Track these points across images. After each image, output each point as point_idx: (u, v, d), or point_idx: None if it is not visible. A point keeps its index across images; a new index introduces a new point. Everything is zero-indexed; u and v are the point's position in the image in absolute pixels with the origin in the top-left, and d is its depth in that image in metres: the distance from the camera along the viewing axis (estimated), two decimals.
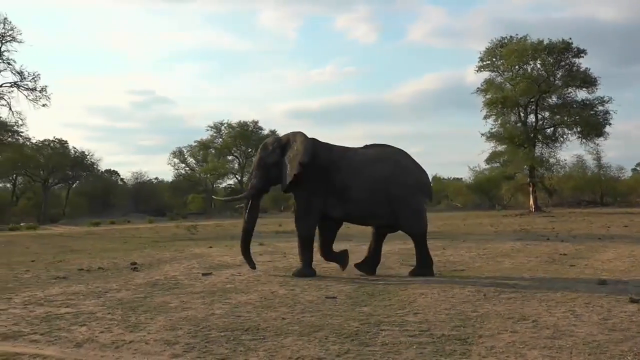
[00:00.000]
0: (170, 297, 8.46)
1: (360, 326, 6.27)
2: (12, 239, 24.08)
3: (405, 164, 10.73)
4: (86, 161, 54.60)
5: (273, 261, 12.68)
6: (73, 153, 53.87)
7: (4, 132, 37.38)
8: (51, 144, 52.36)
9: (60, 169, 52.17)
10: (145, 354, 5.41)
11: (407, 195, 10.42)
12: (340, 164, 10.58)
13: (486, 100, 41.83)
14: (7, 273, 11.61)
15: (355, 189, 10.39)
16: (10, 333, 6.34)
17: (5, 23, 34.24)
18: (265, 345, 5.58)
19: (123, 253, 15.86)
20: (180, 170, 62.52)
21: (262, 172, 10.98)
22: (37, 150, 49.69)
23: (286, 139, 11.01)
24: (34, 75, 35.56)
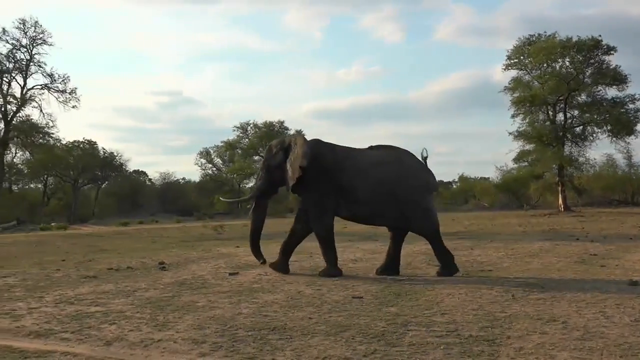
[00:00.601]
0: (198, 296, 8.53)
1: (387, 326, 6.26)
2: (44, 238, 24.48)
3: (411, 165, 10.74)
4: (115, 162, 55.26)
5: (299, 261, 12.70)
6: (102, 154, 54.55)
7: (35, 133, 38.05)
8: (81, 145, 53.08)
9: (90, 170, 52.86)
10: (173, 352, 5.47)
11: (415, 196, 10.44)
12: (345, 164, 10.65)
13: (514, 99, 41.32)
14: (39, 272, 11.82)
15: (361, 190, 10.45)
16: (42, 331, 6.45)
17: (36, 27, 34.87)
18: (292, 344, 5.59)
19: (151, 253, 16.02)
20: (207, 171, 62.92)
21: (266, 174, 11.20)
22: (67, 151, 50.41)
23: (289, 142, 11.16)
24: (64, 77, 36.26)
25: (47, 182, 53.44)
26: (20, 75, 35.34)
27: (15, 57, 34.89)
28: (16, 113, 35.49)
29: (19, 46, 34.72)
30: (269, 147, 11.55)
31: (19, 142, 39.83)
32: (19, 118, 36.15)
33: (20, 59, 35.03)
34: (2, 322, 6.96)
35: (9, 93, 35.12)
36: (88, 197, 56.70)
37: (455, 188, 64.27)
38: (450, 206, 52.83)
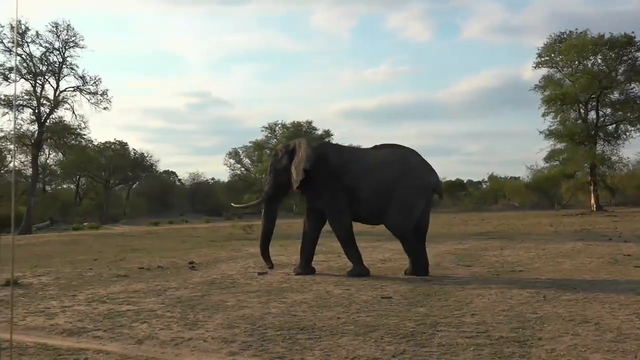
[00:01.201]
0: (227, 295, 8.59)
1: (416, 327, 6.23)
2: (76, 238, 24.88)
3: (413, 165, 10.76)
4: (145, 162, 55.97)
5: (328, 261, 12.72)
6: (133, 154, 55.31)
7: (67, 134, 38.62)
8: (112, 145, 53.88)
9: (121, 170, 53.64)
10: (203, 351, 5.51)
11: (405, 196, 10.44)
12: (350, 166, 10.77)
13: (545, 97, 40.76)
14: (71, 271, 12.01)
15: (363, 191, 10.56)
16: (75, 329, 6.56)
17: (69, 30, 35.43)
18: (321, 344, 5.60)
19: (181, 252, 16.18)
20: (235, 171, 63.37)
21: (273, 178, 11.36)
22: (99, 152, 51.18)
23: (293, 145, 11.31)
24: (95, 79, 36.72)
25: (80, 183, 54.42)
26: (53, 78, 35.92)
27: (48, 59, 35.48)
28: (49, 115, 36.07)
29: (51, 49, 35.30)
30: (275, 152, 11.76)
31: (52, 144, 40.50)
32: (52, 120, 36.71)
33: (53, 61, 35.61)
34: (37, 320, 7.09)
35: (43, 95, 35.71)
36: (119, 197, 57.55)
37: (485, 188, 63.73)
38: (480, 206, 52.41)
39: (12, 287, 8.16)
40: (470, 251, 14.51)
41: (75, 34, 35.69)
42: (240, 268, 11.95)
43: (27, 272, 11.70)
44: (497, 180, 61.36)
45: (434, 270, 10.92)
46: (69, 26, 35.43)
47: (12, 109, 34.56)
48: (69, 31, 35.43)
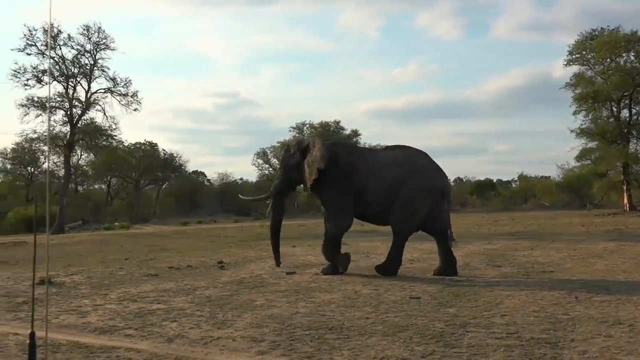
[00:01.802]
0: (256, 295, 8.63)
1: (446, 327, 6.19)
2: (108, 237, 25.24)
3: (422, 167, 10.82)
4: (175, 163, 56.53)
5: (356, 261, 12.69)
6: (162, 155, 55.91)
7: (99, 136, 39.17)
8: (142, 146, 54.53)
9: (151, 171, 54.27)
10: (232, 350, 5.55)
11: (412, 196, 10.51)
12: (359, 166, 10.86)
13: (576, 95, 40.11)
14: (103, 270, 12.19)
15: (371, 191, 10.65)
16: (107, 327, 6.66)
17: (100, 32, 35.91)
18: (349, 344, 5.59)
19: (210, 252, 16.31)
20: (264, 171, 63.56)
21: (284, 174, 11.45)
22: (130, 152, 51.85)
23: (307, 143, 11.40)
24: (126, 81, 37.15)
25: (111, 183, 55.20)
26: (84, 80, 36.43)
27: (80, 62, 35.99)
28: (81, 116, 36.60)
29: (83, 51, 35.80)
30: (287, 147, 11.82)
31: (84, 145, 41.12)
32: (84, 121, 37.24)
33: (85, 64, 36.12)
34: (70, 318, 7.21)
35: (75, 97, 36.26)
36: (149, 197, 58.23)
37: (515, 187, 63.04)
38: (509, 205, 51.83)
39: (47, 286, 8.32)
40: (500, 251, 14.37)
41: (106, 37, 36.16)
42: (268, 268, 12.00)
43: (60, 271, 11.90)
44: (527, 179, 60.66)
45: (463, 270, 10.84)
46: (99, 29, 35.90)
47: (45, 111, 35.16)
48: (99, 34, 35.92)
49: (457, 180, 70.91)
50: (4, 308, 8.03)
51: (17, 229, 35.49)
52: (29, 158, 49.03)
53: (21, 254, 16.89)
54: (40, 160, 48.95)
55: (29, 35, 33.57)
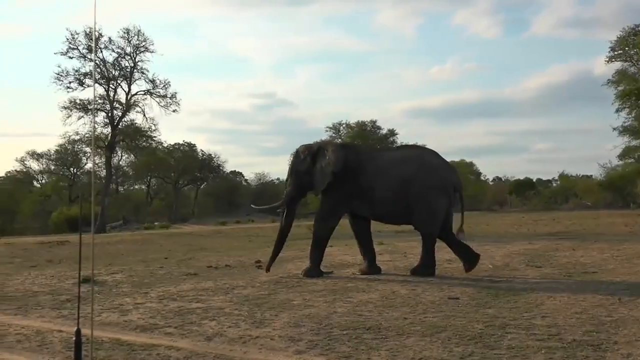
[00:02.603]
0: (294, 294, 8.67)
1: (485, 328, 6.12)
2: (148, 237, 25.63)
3: (431, 164, 10.80)
4: (213, 163, 57.06)
5: (393, 261, 12.65)
6: (201, 155, 56.48)
7: (139, 137, 39.81)
8: (181, 147, 55.20)
9: (190, 171, 54.90)
10: (270, 349, 5.58)
11: (426, 195, 10.48)
12: (367, 165, 10.84)
13: (618, 92, 39.18)
14: (144, 269, 12.39)
15: (380, 190, 10.62)
16: (148, 325, 6.77)
17: (139, 35, 36.49)
18: (387, 344, 5.58)
19: (248, 251, 16.43)
20: None
21: (295, 180, 11.39)
22: (169, 153, 52.54)
23: (317, 147, 11.35)
24: (165, 82, 37.65)
25: (150, 183, 56.06)
26: (125, 82, 37.06)
27: (120, 64, 36.63)
28: (122, 118, 37.24)
29: (123, 54, 36.43)
30: (297, 153, 11.68)
31: (124, 146, 41.83)
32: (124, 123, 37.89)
33: (125, 66, 36.74)
34: (111, 316, 7.35)
35: (115, 99, 36.91)
36: (188, 197, 58.93)
37: (556, 187, 61.93)
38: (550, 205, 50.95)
39: (93, 286, 8.49)
40: (540, 251, 14.13)
41: (145, 39, 36.70)
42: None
43: (102, 270, 12.14)
44: (568, 178, 59.51)
45: (503, 271, 10.70)
46: (139, 32, 36.46)
47: (87, 113, 35.88)
48: (139, 36, 36.48)
49: (496, 179, 70.02)
50: (49, 306, 8.23)
51: (60, 228, 36.31)
52: (71, 159, 50.12)
53: (64, 253, 17.28)
54: (83, 161, 50.02)
55: (71, 39, 34.34)
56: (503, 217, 35.47)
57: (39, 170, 53.31)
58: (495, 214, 41.27)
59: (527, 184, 59.76)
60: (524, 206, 52.37)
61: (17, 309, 8.06)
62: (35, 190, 52.07)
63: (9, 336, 6.43)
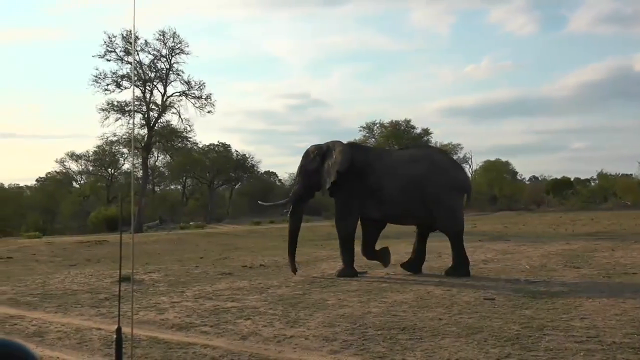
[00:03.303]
0: (328, 294, 8.68)
1: (522, 330, 6.04)
2: (183, 237, 25.91)
3: (441, 164, 10.86)
4: (247, 163, 57.39)
5: (427, 261, 12.54)
6: (235, 156, 56.88)
7: (174, 138, 40.28)
8: (215, 148, 55.67)
9: (224, 171, 55.34)
10: (305, 349, 5.60)
11: (441, 194, 10.49)
12: (375, 165, 10.87)
13: None
14: (179, 269, 12.54)
15: (390, 190, 10.64)
16: (184, 324, 6.85)
17: (174, 37, 36.90)
18: (422, 345, 5.54)
19: (282, 251, 16.45)
20: None
21: (303, 179, 11.52)
22: (204, 154, 53.05)
23: (326, 147, 11.43)
24: (200, 84, 37.98)
25: (186, 184, 56.70)
26: (160, 84, 37.47)
27: (156, 66, 37.08)
28: (158, 119, 37.68)
29: (159, 56, 36.86)
30: (307, 153, 11.77)
31: (160, 147, 42.36)
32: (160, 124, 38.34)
33: (161, 68, 37.14)
34: (148, 314, 7.46)
35: (151, 101, 37.36)
36: (223, 197, 59.45)
37: (594, 186, 60.67)
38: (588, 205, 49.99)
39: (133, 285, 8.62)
40: (578, 252, 13.87)
41: (181, 41, 37.06)
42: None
43: (139, 269, 12.32)
44: (607, 177, 58.25)
45: (540, 271, 10.54)
46: (174, 34, 36.85)
47: (124, 114, 36.43)
48: (174, 38, 36.88)
49: (532, 178, 68.97)
50: (88, 304, 8.39)
51: (98, 228, 36.97)
52: (109, 160, 51.00)
53: (103, 252, 17.59)
54: (120, 162, 50.87)
55: (109, 42, 34.91)
56: (540, 217, 34.94)
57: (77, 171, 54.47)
58: (532, 214, 40.66)
59: (564, 183, 58.76)
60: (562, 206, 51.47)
61: (57, 307, 8.23)
62: (74, 191, 53.18)
63: (50, 333, 6.58)
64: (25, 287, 10.16)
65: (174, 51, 37.04)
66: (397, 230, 13.58)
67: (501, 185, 56.31)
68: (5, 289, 9.85)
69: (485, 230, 22.96)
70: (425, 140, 56.75)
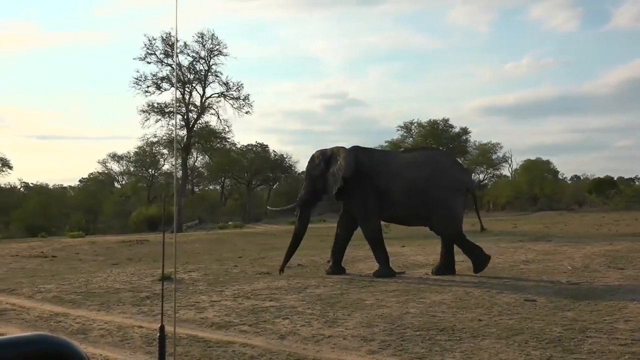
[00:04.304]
0: (366, 294, 8.66)
1: (564, 332, 5.93)
2: (222, 236, 26.18)
3: (444, 166, 11.01)
4: (285, 163, 57.69)
5: (467, 261, 12.41)
6: (273, 156, 57.25)
7: (213, 138, 40.72)
8: (254, 148, 56.13)
9: (262, 172, 55.75)
10: (343, 349, 5.60)
11: (443, 197, 10.63)
12: (380, 168, 11.06)
13: None
14: (218, 268, 12.68)
15: (395, 192, 10.81)
16: (223, 323, 6.92)
17: (213, 39, 37.29)
18: (461, 346, 5.49)
19: (320, 251, 16.51)
20: None
21: (309, 184, 11.80)
22: (242, 154, 53.53)
23: (330, 153, 11.65)
24: (238, 85, 38.30)
25: (224, 184, 57.28)
26: (199, 85, 37.92)
27: (195, 68, 37.54)
28: (197, 120, 38.12)
29: (198, 58, 37.32)
30: (312, 158, 12.04)
31: (199, 147, 42.89)
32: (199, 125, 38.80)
33: (200, 70, 37.61)
34: (188, 313, 7.56)
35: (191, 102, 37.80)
36: (261, 197, 59.83)
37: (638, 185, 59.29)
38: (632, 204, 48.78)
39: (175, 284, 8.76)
40: (622, 253, 13.55)
41: (219, 43, 37.44)
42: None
43: (179, 268, 12.48)
44: None
45: (582, 272, 10.33)
46: (213, 36, 37.25)
47: (164, 116, 36.96)
48: (213, 40, 37.27)
49: (574, 178, 67.72)
50: (130, 302, 8.54)
51: (139, 227, 37.62)
52: (149, 161, 51.88)
53: (144, 252, 17.90)
54: (160, 162, 51.67)
55: (149, 44, 35.49)
56: (582, 216, 34.25)
57: (119, 171, 55.68)
58: (574, 214, 39.90)
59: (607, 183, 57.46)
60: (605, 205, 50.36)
61: (100, 304, 8.40)
62: (116, 191, 54.26)
63: (93, 331, 6.72)
64: (69, 285, 10.40)
65: (213, 53, 37.44)
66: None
67: (542, 185, 55.42)
68: (50, 287, 10.09)
69: (526, 230, 22.63)
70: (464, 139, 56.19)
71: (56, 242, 22.12)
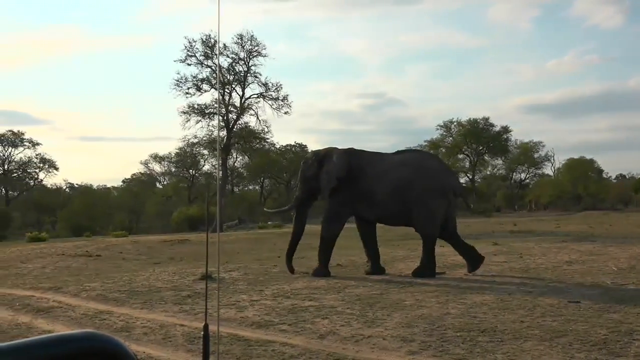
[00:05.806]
0: (405, 294, 8.62)
1: (609, 334, 5.80)
2: (261, 236, 26.40)
3: (429, 168, 11.18)
4: None
5: (508, 262, 12.26)
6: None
7: (252, 139, 41.04)
8: (292, 148, 56.34)
9: None
10: (383, 349, 5.59)
11: (424, 198, 10.77)
12: (367, 170, 11.24)
13: None
14: (258, 267, 12.78)
15: (380, 193, 11.02)
16: (263, 322, 6.98)
17: (252, 40, 37.56)
18: (503, 348, 5.42)
19: (359, 251, 16.43)
20: None
21: (302, 185, 12.10)
22: (281, 154, 53.83)
23: (324, 154, 11.89)
24: (277, 85, 38.49)
25: (264, 184, 57.68)
26: (239, 86, 38.22)
27: (234, 69, 37.85)
28: (236, 121, 38.44)
29: (237, 59, 37.63)
30: (305, 160, 12.34)
31: (239, 148, 43.30)
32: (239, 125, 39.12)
33: (239, 71, 37.90)
34: (229, 312, 7.63)
35: (230, 103, 38.15)
36: None
37: None
38: None
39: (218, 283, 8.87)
40: None
41: (258, 44, 37.68)
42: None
43: (220, 268, 12.61)
44: None
45: (629, 273, 10.08)
46: (252, 37, 37.52)
47: (204, 117, 37.40)
48: (252, 41, 37.53)
49: (619, 177, 66.08)
50: (171, 301, 8.67)
51: (181, 227, 38.15)
52: (190, 161, 52.58)
53: (185, 251, 18.14)
54: (201, 163, 52.32)
55: (189, 46, 35.95)
56: (628, 216, 33.40)
57: (161, 172, 56.53)
58: (619, 214, 38.93)
59: None
60: None
61: (142, 303, 8.55)
62: (158, 191, 55.14)
63: (136, 329, 6.85)
64: (113, 283, 10.61)
65: (252, 54, 37.70)
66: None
67: (586, 184, 54.32)
68: (94, 286, 10.32)
69: (569, 230, 22.17)
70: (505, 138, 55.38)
71: (100, 241, 22.60)
